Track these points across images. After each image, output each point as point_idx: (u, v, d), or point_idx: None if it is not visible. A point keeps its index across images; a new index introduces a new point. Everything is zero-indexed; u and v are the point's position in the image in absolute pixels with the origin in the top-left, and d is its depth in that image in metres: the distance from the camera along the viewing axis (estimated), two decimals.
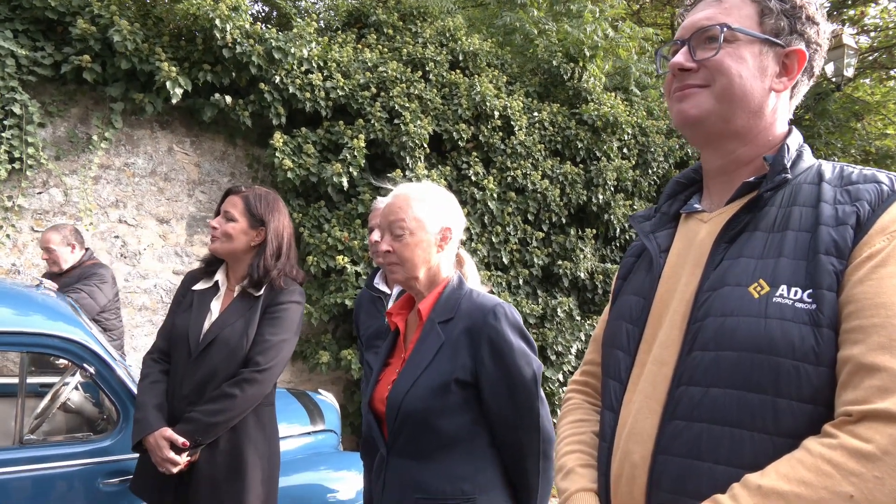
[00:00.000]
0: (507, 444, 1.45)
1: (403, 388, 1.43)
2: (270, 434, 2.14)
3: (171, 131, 4.77)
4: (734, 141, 1.00)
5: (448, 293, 1.53)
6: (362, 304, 2.43)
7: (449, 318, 1.47)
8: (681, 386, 0.92)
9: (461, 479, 1.40)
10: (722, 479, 0.84)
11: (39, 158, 4.02)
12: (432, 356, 1.44)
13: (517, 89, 6.07)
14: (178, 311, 2.15)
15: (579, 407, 1.24)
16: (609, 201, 6.17)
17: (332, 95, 4.93)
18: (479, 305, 1.46)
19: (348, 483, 2.76)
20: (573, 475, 1.09)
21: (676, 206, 1.12)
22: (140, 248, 4.61)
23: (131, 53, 4.14)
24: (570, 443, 1.16)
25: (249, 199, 2.14)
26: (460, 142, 5.36)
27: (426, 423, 1.41)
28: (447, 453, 1.42)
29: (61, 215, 4.29)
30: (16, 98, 3.86)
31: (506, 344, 1.41)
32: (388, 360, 1.62)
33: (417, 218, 1.51)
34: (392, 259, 1.53)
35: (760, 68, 0.97)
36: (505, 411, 1.42)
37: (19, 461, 2.02)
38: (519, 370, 1.41)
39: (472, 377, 1.42)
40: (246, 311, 2.08)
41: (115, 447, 2.22)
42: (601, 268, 6.14)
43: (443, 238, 1.55)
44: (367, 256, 4.81)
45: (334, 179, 4.70)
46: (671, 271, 1.03)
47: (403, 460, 1.45)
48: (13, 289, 2.47)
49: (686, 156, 7.36)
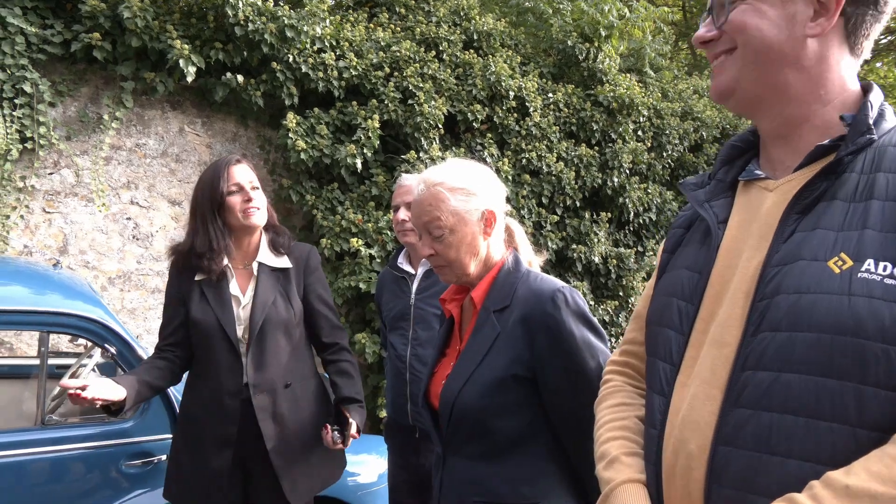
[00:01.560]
0: (573, 447, 1.32)
1: (457, 384, 1.33)
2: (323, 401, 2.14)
3: (183, 111, 4.70)
4: (777, 102, 0.91)
5: (503, 277, 1.39)
6: (385, 283, 2.38)
7: (505, 306, 1.35)
8: (746, 370, 0.83)
9: (521, 482, 1.30)
10: (795, 475, 0.76)
11: (51, 138, 3.96)
12: (487, 349, 1.32)
13: (531, 70, 5.97)
14: (189, 306, 1.97)
15: (620, 389, 1.15)
16: (624, 184, 6.09)
17: (344, 75, 4.84)
18: (537, 291, 1.33)
19: (369, 466, 2.73)
20: (617, 464, 1.00)
21: (734, 172, 1.02)
22: (152, 229, 4.56)
23: (142, 31, 4.06)
24: (612, 428, 1.07)
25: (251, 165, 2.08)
26: (475, 123, 5.28)
27: (482, 423, 1.31)
28: (506, 454, 1.31)
29: (73, 196, 4.24)
30: (26, 76, 3.79)
31: (567, 334, 1.28)
32: (445, 350, 1.51)
33: (455, 211, 1.35)
34: (438, 262, 1.39)
35: (786, 16, 0.86)
36: (568, 410, 1.29)
37: (41, 442, 1.99)
38: (581, 362, 1.28)
39: (531, 372, 1.29)
40: (278, 285, 2.02)
41: (137, 429, 2.19)
42: (615, 252, 6.07)
43: (487, 222, 1.39)
44: (381, 239, 4.75)
45: (348, 161, 4.63)
46: (731, 244, 0.94)
47: (460, 459, 1.35)
48: (32, 268, 2.43)
49: (701, 139, 7.26)
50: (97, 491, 2.10)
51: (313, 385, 2.13)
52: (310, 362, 2.15)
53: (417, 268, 2.26)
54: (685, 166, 7.13)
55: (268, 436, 1.95)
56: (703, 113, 7.16)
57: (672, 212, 6.74)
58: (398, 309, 2.24)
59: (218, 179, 1.97)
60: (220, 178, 1.97)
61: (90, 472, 2.09)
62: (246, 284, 2.03)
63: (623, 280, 6.13)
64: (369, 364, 4.96)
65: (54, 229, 4.18)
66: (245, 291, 2.02)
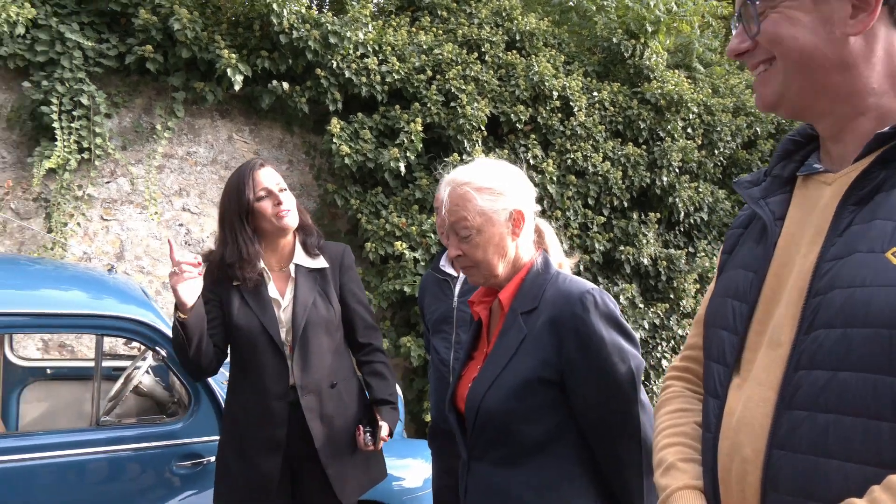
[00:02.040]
0: (602, 454, 1.28)
1: (482, 387, 1.30)
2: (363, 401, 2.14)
3: (231, 120, 4.81)
4: (827, 104, 0.86)
5: (531, 279, 1.36)
6: (427, 286, 2.36)
7: (532, 308, 1.31)
8: (800, 370, 0.79)
9: (548, 489, 1.26)
10: (855, 479, 0.72)
11: (107, 148, 4.11)
12: (513, 352, 1.29)
13: (575, 69, 5.88)
14: (230, 311, 1.96)
15: (679, 395, 1.12)
16: (673, 183, 5.91)
17: (387, 80, 4.87)
18: (565, 293, 1.29)
19: (414, 471, 2.72)
20: (674, 471, 0.97)
21: (792, 167, 0.97)
22: (203, 235, 4.68)
23: (191, 42, 4.17)
24: (669, 435, 1.04)
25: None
26: (518, 124, 5.22)
27: (507, 427, 1.28)
28: (532, 460, 1.28)
29: (128, 204, 4.39)
30: (84, 89, 3.94)
31: (595, 337, 1.24)
32: (472, 353, 1.48)
33: (482, 211, 1.32)
34: (465, 263, 1.37)
35: (821, 20, 0.81)
36: (596, 416, 1.26)
37: (96, 442, 2.05)
38: (612, 368, 1.23)
39: (558, 375, 1.26)
40: (316, 285, 2.03)
41: (187, 430, 2.23)
42: (664, 253, 5.91)
43: (515, 223, 1.35)
44: (425, 242, 4.75)
45: (391, 165, 4.65)
46: (788, 241, 0.89)
47: (485, 465, 1.33)
48: (87, 273, 2.50)
49: (755, 135, 7.00)
50: (149, 491, 2.15)
51: (355, 384, 2.15)
52: (349, 362, 2.17)
53: (460, 271, 2.23)
54: (738, 164, 6.89)
55: (316, 436, 1.95)
56: (756, 108, 6.89)
57: (725, 211, 6.52)
58: (441, 312, 2.22)
59: (244, 186, 1.94)
60: (246, 185, 1.94)
61: (142, 472, 2.14)
62: (284, 287, 2.03)
63: (674, 282, 5.95)
64: (414, 367, 4.96)
65: (111, 236, 4.33)
66: (284, 294, 2.02)
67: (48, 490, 1.96)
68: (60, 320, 2.02)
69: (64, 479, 2.00)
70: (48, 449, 1.99)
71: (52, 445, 2.00)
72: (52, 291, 2.23)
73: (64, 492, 2.00)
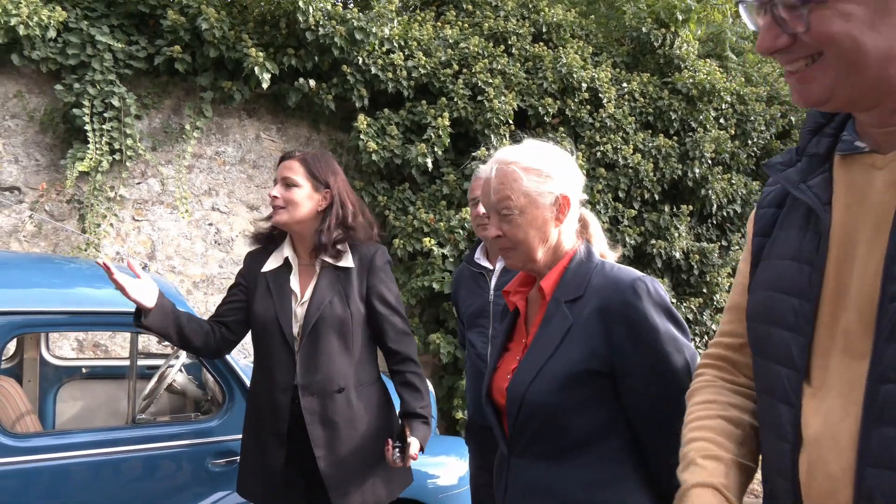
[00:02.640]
0: (654, 449, 1.22)
1: (525, 379, 1.24)
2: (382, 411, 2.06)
3: (258, 119, 4.82)
4: (881, 97, 0.77)
5: (574, 267, 1.30)
6: (462, 280, 2.31)
7: (577, 297, 1.25)
8: (885, 383, 0.73)
9: (598, 486, 1.20)
10: None
11: (137, 149, 4.14)
12: (559, 342, 1.23)
13: (603, 60, 5.77)
14: (254, 296, 1.99)
15: (710, 384, 1.05)
16: (706, 175, 5.77)
17: (413, 75, 4.83)
18: (615, 280, 1.23)
19: (450, 468, 2.67)
20: (693, 467, 0.93)
21: (826, 142, 0.88)
22: (232, 234, 4.70)
23: (219, 41, 4.18)
24: (695, 428, 0.99)
25: (308, 161, 1.97)
26: (546, 117, 5.15)
27: (553, 421, 1.22)
28: (579, 456, 1.21)
29: (159, 204, 4.43)
30: (114, 91, 3.98)
31: (648, 326, 1.18)
32: (508, 345, 1.42)
33: (527, 192, 1.27)
34: (504, 244, 1.31)
35: (876, 11, 0.71)
36: (650, 409, 1.19)
37: (133, 440, 2.04)
38: (666, 358, 1.17)
39: (608, 367, 1.20)
40: (337, 285, 1.95)
41: (222, 428, 2.21)
42: (697, 247, 5.77)
43: (560, 209, 1.30)
44: (453, 238, 4.71)
45: (419, 160, 4.61)
46: (841, 232, 0.81)
47: (528, 461, 1.27)
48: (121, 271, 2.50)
49: (789, 124, 6.81)
50: (184, 489, 2.14)
51: (374, 393, 2.03)
52: (369, 368, 2.04)
53: (496, 263, 2.18)
54: (772, 154, 6.70)
55: (315, 441, 1.88)
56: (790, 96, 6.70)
57: None
58: (477, 306, 2.16)
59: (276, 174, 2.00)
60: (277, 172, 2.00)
61: (177, 470, 2.14)
62: (307, 282, 1.98)
63: (707, 276, 5.81)
64: (444, 364, 4.92)
65: (143, 236, 4.37)
66: (305, 289, 1.97)
67: (85, 488, 1.96)
68: (97, 318, 2.02)
69: (101, 477, 2.00)
70: (85, 447, 1.99)
71: (90, 444, 1.99)
72: (87, 290, 2.23)
73: (101, 490, 2.00)
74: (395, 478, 2.00)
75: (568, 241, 1.35)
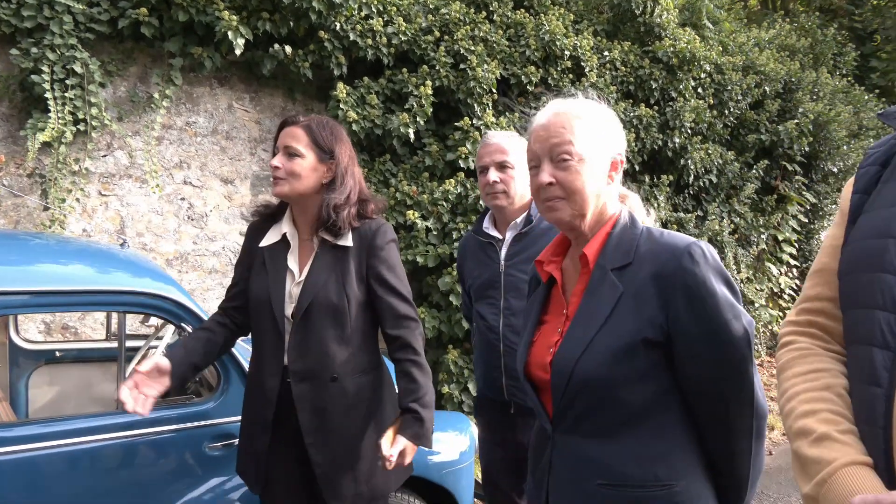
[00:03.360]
0: (709, 420, 1.17)
1: (575, 351, 1.17)
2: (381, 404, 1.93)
3: (230, 87, 4.59)
4: None
5: (619, 233, 1.23)
6: (468, 250, 2.22)
7: (626, 264, 1.19)
8: None
9: (653, 461, 1.14)
10: None
11: (103, 119, 3.89)
12: (609, 311, 1.16)
13: (584, 27, 5.68)
14: (250, 274, 1.88)
15: (809, 352, 0.99)
16: (685, 145, 5.78)
17: (393, 42, 4.65)
18: (669, 245, 1.17)
19: (451, 444, 2.61)
20: (831, 442, 0.86)
21: None
22: (206, 209, 4.50)
23: (189, 4, 3.94)
24: (810, 400, 0.92)
25: (313, 129, 1.80)
26: (529, 86, 5.04)
27: (607, 394, 1.15)
28: (632, 430, 1.15)
29: (127, 178, 4.19)
30: (76, 56, 3.71)
31: (707, 292, 1.11)
32: (543, 317, 1.35)
33: (588, 141, 1.22)
34: (555, 192, 1.22)
35: None
36: (708, 379, 1.13)
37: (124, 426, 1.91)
38: (726, 325, 1.11)
39: (664, 336, 1.13)
40: (336, 265, 1.80)
41: (218, 410, 2.09)
42: (675, 217, 5.80)
43: (612, 167, 1.26)
44: (436, 211, 4.60)
45: (401, 130, 4.47)
46: None
47: (576, 438, 1.20)
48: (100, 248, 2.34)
49: (763, 94, 6.86)
50: (181, 474, 2.03)
51: (373, 381, 1.90)
52: (368, 356, 1.89)
53: (505, 233, 2.09)
54: (746, 124, 6.75)
55: (306, 429, 1.78)
56: (765, 66, 6.74)
57: (733, 173, 6.41)
58: (486, 277, 2.08)
59: (276, 141, 1.85)
60: (276, 139, 1.85)
61: (173, 455, 2.01)
62: (306, 260, 1.85)
63: None
64: (428, 339, 4.85)
65: (111, 212, 4.14)
66: (303, 268, 1.84)
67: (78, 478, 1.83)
68: (67, 298, 1.85)
69: (91, 465, 1.87)
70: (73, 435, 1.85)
71: (77, 431, 1.86)
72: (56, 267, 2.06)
73: (92, 478, 1.87)
74: (394, 470, 1.80)
75: (612, 205, 1.29)
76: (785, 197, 7.20)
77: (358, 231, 1.84)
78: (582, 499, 1.18)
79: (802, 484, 0.88)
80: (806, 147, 6.92)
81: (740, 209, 6.51)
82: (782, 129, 6.71)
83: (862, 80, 9.24)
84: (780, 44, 7.58)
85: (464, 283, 2.25)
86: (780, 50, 7.50)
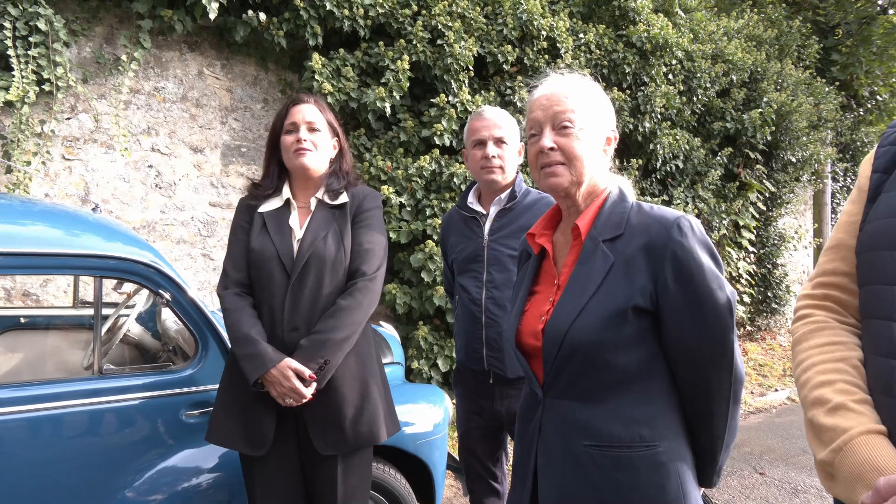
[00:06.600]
0: (691, 385, 1.23)
1: (567, 318, 1.22)
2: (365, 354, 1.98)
3: (201, 53, 4.47)
4: None
5: (610, 206, 1.30)
6: (452, 224, 2.24)
7: (617, 235, 1.25)
8: None
9: (638, 423, 1.20)
10: None
11: (68, 80, 3.75)
12: (600, 280, 1.22)
13: (560, 8, 5.69)
14: (250, 236, 1.95)
15: (825, 326, 1.03)
16: (655, 130, 5.88)
17: (370, 13, 4.59)
18: (659, 218, 1.22)
19: (423, 415, 2.65)
20: (846, 412, 0.89)
21: None
22: (175, 178, 4.39)
23: None
24: (827, 371, 0.96)
25: (323, 108, 2.05)
26: (505, 65, 5.04)
27: (597, 359, 1.20)
28: (619, 393, 1.21)
29: (92, 143, 4.06)
30: (40, 13, 3.56)
31: (694, 263, 1.17)
32: (534, 288, 1.40)
33: (587, 113, 1.29)
34: (556, 157, 1.28)
35: None
36: (692, 345, 1.19)
37: (101, 392, 1.88)
38: (711, 295, 1.17)
39: (653, 304, 1.20)
40: (333, 222, 1.95)
41: (196, 377, 2.08)
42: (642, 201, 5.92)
43: (607, 142, 1.35)
44: (410, 187, 4.59)
45: (377, 104, 4.43)
46: None
47: (565, 402, 1.26)
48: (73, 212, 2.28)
49: (730, 83, 7.01)
50: (157, 441, 2.01)
51: (361, 334, 1.97)
52: None
53: (489, 208, 2.12)
54: (712, 112, 6.91)
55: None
56: (733, 55, 6.88)
57: (698, 159, 6.56)
58: (470, 251, 2.10)
59: (281, 118, 1.99)
60: (282, 116, 2.00)
61: (150, 422, 1.99)
62: (304, 220, 1.98)
63: None
64: (398, 315, 4.87)
65: (75, 177, 4.01)
66: (302, 226, 1.97)
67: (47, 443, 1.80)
68: (30, 260, 1.79)
69: (66, 430, 1.84)
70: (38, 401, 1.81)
71: (52, 396, 1.82)
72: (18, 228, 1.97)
73: (66, 444, 1.84)
74: (382, 423, 1.94)
75: (604, 179, 1.35)
76: (746, 184, 7.41)
77: (350, 192, 2.02)
78: (570, 460, 1.23)
79: (818, 451, 0.90)
80: (768, 136, 7.12)
81: (704, 195, 6.68)
82: (747, 118, 6.88)
83: (823, 72, 9.51)
84: (747, 34, 7.74)
85: (447, 256, 2.27)
86: (748, 40, 7.65)
